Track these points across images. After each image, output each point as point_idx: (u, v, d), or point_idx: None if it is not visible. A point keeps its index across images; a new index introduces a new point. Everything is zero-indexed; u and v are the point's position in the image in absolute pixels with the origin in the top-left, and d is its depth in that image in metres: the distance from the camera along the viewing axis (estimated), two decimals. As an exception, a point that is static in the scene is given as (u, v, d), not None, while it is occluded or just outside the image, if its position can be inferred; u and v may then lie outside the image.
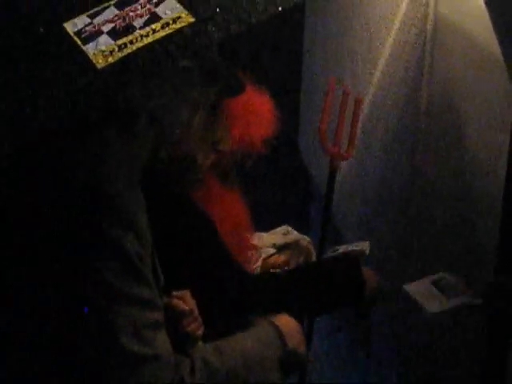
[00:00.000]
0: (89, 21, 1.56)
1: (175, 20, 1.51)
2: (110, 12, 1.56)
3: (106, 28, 1.53)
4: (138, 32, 1.51)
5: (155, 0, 1.55)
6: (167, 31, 1.50)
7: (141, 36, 1.50)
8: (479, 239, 2.18)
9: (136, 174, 1.54)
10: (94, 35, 1.52)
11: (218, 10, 1.50)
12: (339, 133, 2.45)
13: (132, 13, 1.54)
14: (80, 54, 1.50)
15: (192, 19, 1.50)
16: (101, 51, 1.49)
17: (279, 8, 1.52)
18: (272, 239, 2.36)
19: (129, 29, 1.51)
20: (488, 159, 2.14)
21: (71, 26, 1.55)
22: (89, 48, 1.50)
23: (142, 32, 1.50)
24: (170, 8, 1.53)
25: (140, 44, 1.49)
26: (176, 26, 1.50)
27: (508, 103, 2.01)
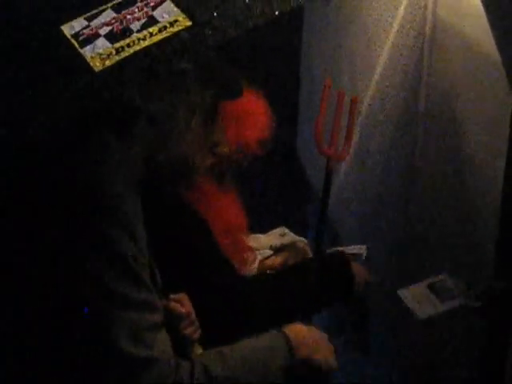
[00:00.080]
0: (86, 23, 1.56)
1: (172, 23, 1.51)
2: (108, 15, 1.56)
3: (104, 31, 1.53)
4: (136, 35, 1.51)
5: (152, 3, 1.55)
6: (164, 35, 1.50)
7: (138, 39, 1.50)
8: (478, 239, 2.18)
9: (134, 176, 1.54)
10: (92, 38, 1.52)
11: (215, 14, 1.50)
12: (335, 133, 2.46)
13: (129, 16, 1.54)
14: (77, 57, 1.50)
15: (189, 23, 1.50)
16: (98, 54, 1.49)
17: (276, 12, 1.52)
18: (269, 241, 2.35)
19: (126, 32, 1.51)
20: (486, 160, 2.14)
21: (68, 29, 1.55)
22: (86, 51, 1.50)
23: (140, 35, 1.50)
24: (168, 11, 1.53)
25: (137, 47, 1.49)
26: (173, 30, 1.50)
27: (506, 105, 2.01)
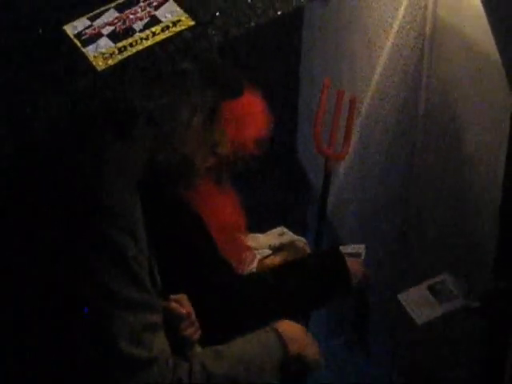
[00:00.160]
0: (89, 23, 1.56)
1: (175, 23, 1.50)
2: (110, 15, 1.56)
3: (106, 31, 1.53)
4: (138, 35, 1.50)
5: (155, 3, 1.54)
6: (167, 34, 1.49)
7: (141, 39, 1.50)
8: (478, 239, 2.19)
9: (134, 176, 1.54)
10: (94, 38, 1.52)
11: (218, 14, 1.50)
12: (334, 133, 2.47)
13: (132, 16, 1.54)
14: (80, 57, 1.50)
15: (192, 22, 1.50)
16: (101, 53, 1.49)
17: (278, 12, 1.52)
18: (268, 240, 2.35)
19: (129, 32, 1.51)
20: (486, 160, 2.15)
21: (71, 29, 1.55)
22: (89, 50, 1.50)
23: (142, 35, 1.50)
24: (170, 11, 1.53)
25: (140, 47, 1.48)
26: (176, 29, 1.50)
27: (506, 105, 2.02)
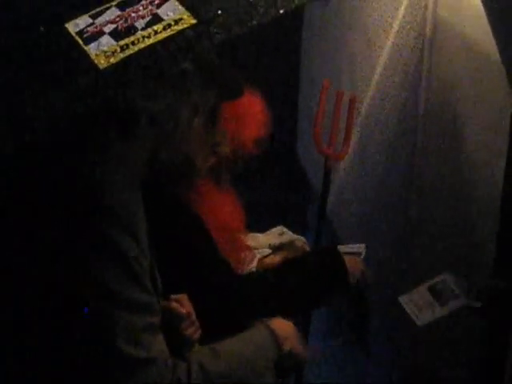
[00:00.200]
0: (90, 21, 1.56)
1: (177, 21, 1.51)
2: (112, 13, 1.56)
3: (108, 29, 1.53)
4: (140, 33, 1.50)
5: (157, 1, 1.55)
6: (169, 32, 1.49)
7: (143, 37, 1.50)
8: (478, 240, 2.19)
9: (135, 176, 1.54)
10: (96, 36, 1.52)
11: (220, 12, 1.50)
12: (334, 133, 2.47)
13: (134, 14, 1.54)
14: (82, 55, 1.50)
15: (194, 21, 1.50)
16: (103, 51, 1.49)
17: (280, 11, 1.52)
18: (267, 240, 2.35)
19: (131, 30, 1.51)
20: (486, 161, 2.15)
21: (73, 27, 1.55)
22: (91, 48, 1.50)
23: (144, 33, 1.50)
24: (172, 9, 1.53)
25: (142, 45, 1.48)
26: (178, 28, 1.50)
27: (506, 105, 2.02)
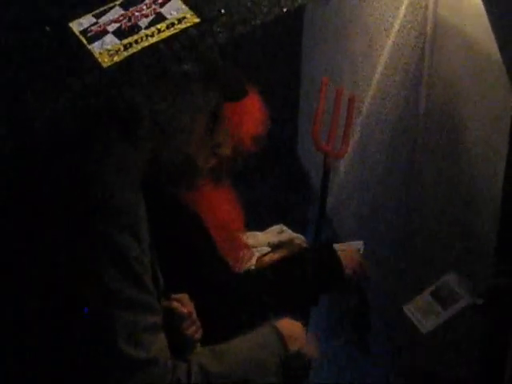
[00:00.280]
0: (94, 20, 1.56)
1: (180, 20, 1.51)
2: (116, 12, 1.57)
3: (112, 28, 1.53)
4: (144, 32, 1.51)
5: (160, 0, 1.55)
6: (172, 31, 1.50)
7: (146, 36, 1.50)
8: (478, 239, 2.19)
9: (137, 177, 1.54)
10: (100, 35, 1.53)
11: (223, 11, 1.50)
12: (332, 131, 2.47)
13: (137, 13, 1.55)
14: (85, 53, 1.51)
15: (197, 20, 1.50)
16: (106, 50, 1.49)
17: (284, 9, 1.52)
18: (266, 238, 2.35)
19: (134, 29, 1.52)
20: (487, 160, 2.15)
21: (77, 26, 1.56)
22: (94, 47, 1.51)
23: (148, 32, 1.50)
24: (176, 8, 1.53)
25: (145, 43, 1.49)
26: (181, 27, 1.50)
27: (507, 105, 2.03)
